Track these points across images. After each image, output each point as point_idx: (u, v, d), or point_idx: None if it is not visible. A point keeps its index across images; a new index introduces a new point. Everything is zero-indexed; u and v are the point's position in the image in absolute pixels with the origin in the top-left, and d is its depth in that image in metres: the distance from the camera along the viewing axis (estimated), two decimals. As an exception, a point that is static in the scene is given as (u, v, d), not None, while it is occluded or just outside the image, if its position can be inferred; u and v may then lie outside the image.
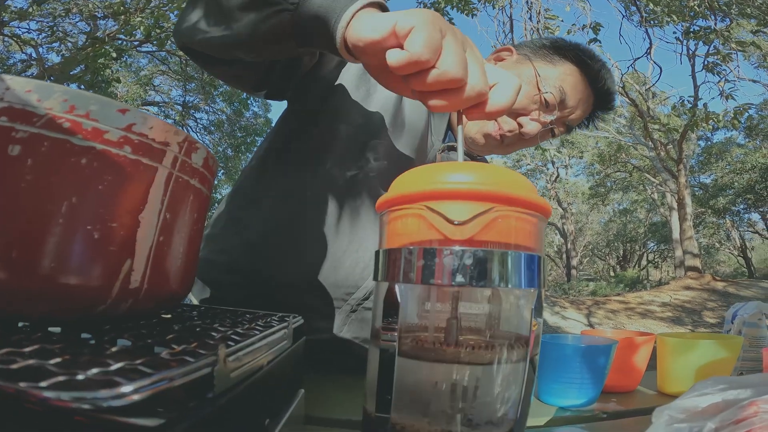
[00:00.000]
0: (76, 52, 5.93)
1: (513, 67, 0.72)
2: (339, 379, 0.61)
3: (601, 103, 0.75)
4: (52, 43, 6.54)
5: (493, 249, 0.27)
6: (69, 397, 0.14)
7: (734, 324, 0.74)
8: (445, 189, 0.28)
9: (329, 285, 0.66)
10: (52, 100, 0.23)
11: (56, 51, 6.89)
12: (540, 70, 0.70)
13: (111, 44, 5.44)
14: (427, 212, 0.28)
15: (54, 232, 0.23)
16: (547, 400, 0.54)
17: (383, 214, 0.32)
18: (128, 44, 6.02)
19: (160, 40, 5.09)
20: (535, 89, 0.69)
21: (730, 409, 0.26)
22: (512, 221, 0.28)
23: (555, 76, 0.70)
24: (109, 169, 0.25)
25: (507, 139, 0.72)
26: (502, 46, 0.76)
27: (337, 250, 0.66)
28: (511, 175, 0.30)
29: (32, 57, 6.75)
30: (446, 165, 0.32)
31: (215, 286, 0.71)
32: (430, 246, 0.28)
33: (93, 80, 5.70)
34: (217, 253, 0.71)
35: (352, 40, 0.38)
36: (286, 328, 0.37)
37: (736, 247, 16.50)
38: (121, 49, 5.62)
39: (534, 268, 0.29)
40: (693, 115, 5.39)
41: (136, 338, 0.25)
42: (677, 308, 6.86)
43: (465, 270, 0.26)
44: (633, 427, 0.45)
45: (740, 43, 5.41)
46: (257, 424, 0.29)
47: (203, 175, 0.32)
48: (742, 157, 12.19)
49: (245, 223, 0.70)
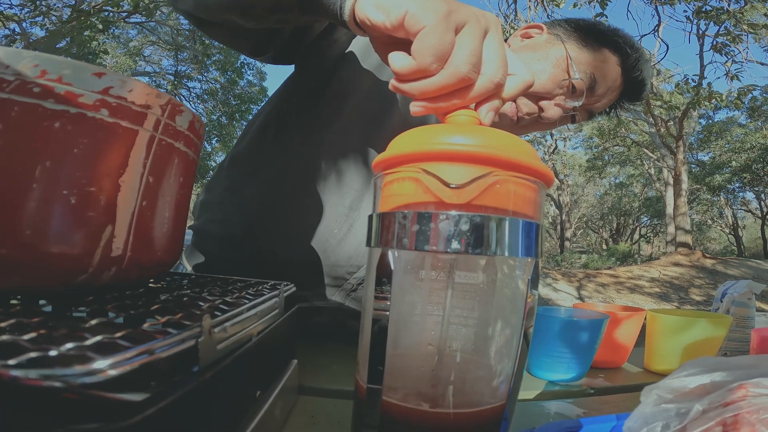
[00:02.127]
0: (61, 25, 5.75)
1: (542, 47, 0.67)
2: (334, 349, 0.62)
3: (632, 94, 0.71)
4: (35, 17, 6.32)
5: (491, 215, 0.26)
6: (37, 374, 0.13)
7: (723, 303, 0.74)
8: (442, 150, 0.27)
9: (330, 264, 0.64)
10: (21, 66, 0.22)
11: (40, 25, 6.71)
12: (572, 53, 0.65)
13: (97, 16, 5.26)
14: (422, 175, 0.27)
15: (28, 197, 0.22)
16: (537, 373, 0.55)
17: (377, 177, 0.31)
18: (115, 16, 5.82)
19: (148, 10, 4.92)
20: (563, 73, 0.65)
21: (718, 392, 0.26)
22: (511, 186, 0.27)
23: (587, 61, 0.66)
24: (84, 132, 0.23)
25: (523, 121, 0.68)
26: (533, 23, 0.71)
27: (341, 229, 0.64)
28: (513, 139, 0.29)
29: (16, 32, 6.57)
30: (445, 126, 0.30)
31: (210, 257, 0.69)
32: (426, 210, 0.26)
33: (80, 52, 5.55)
34: (215, 223, 0.68)
35: (361, 16, 0.35)
36: (277, 296, 0.36)
37: (728, 225, 16.69)
38: (108, 21, 5.46)
39: (532, 237, 0.27)
40: (696, 93, 5.33)
41: (119, 309, 0.24)
42: (665, 284, 6.99)
43: (461, 236, 0.25)
44: (620, 404, 0.46)
45: (752, 26, 5.29)
46: (248, 396, 0.29)
47: (189, 138, 0.31)
48: (742, 137, 12.13)
49: (244, 194, 0.67)
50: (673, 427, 0.25)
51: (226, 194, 0.69)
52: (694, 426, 0.24)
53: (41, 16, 6.33)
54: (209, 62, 9.78)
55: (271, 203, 0.64)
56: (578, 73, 0.64)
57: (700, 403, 0.26)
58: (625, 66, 0.67)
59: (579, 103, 0.66)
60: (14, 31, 6.64)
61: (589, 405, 0.45)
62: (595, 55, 0.66)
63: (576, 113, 0.68)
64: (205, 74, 10.30)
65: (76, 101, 0.23)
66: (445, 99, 0.31)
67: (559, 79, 0.65)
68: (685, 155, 9.33)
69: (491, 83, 0.31)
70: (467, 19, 0.32)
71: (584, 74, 0.65)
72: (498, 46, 0.32)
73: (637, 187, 17.48)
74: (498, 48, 0.32)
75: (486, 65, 0.31)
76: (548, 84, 0.65)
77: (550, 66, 0.65)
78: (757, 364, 0.28)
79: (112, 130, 0.25)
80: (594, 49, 0.66)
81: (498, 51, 0.32)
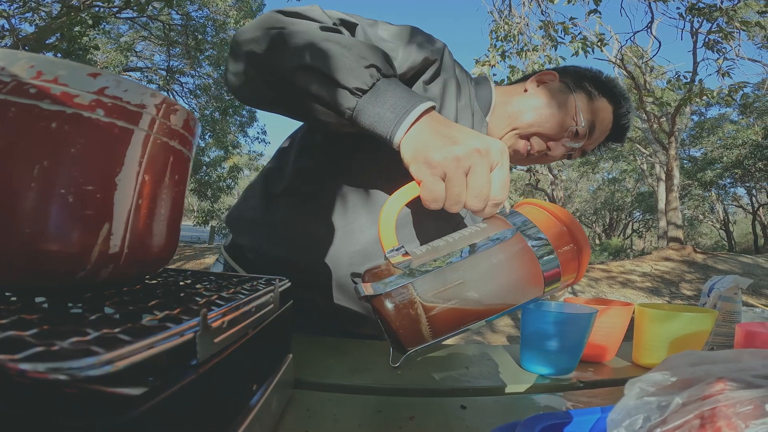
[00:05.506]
0: (50, 21, 5.67)
1: (555, 95, 0.74)
2: (328, 343, 0.63)
3: (616, 136, 0.81)
4: (24, 13, 6.23)
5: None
6: (45, 368, 0.14)
7: (710, 297, 0.75)
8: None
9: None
10: (17, 67, 0.23)
11: (29, 21, 6.63)
12: (579, 102, 0.73)
13: (87, 12, 5.20)
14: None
15: (26, 196, 0.22)
16: (528, 367, 0.56)
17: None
18: (106, 11, 5.75)
19: (140, 5, 4.86)
20: (571, 120, 0.73)
21: (697, 385, 0.27)
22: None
23: (589, 110, 0.74)
24: (81, 132, 0.24)
25: (532, 155, 0.76)
26: (547, 70, 0.79)
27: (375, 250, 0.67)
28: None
29: (5, 28, 6.48)
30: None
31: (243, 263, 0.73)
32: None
33: (70, 48, 5.48)
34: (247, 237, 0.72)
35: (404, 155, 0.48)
36: (272, 291, 0.37)
37: (719, 220, 16.86)
38: (99, 16, 5.40)
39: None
40: (689, 90, 5.37)
41: (118, 305, 0.24)
42: (657, 279, 7.07)
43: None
44: (607, 397, 0.47)
45: (745, 23, 5.34)
46: (244, 389, 0.29)
47: (184, 136, 0.31)
48: (733, 133, 12.23)
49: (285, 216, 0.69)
50: (654, 420, 0.26)
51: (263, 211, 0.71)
52: (673, 418, 0.25)
53: (30, 12, 6.26)
54: (202, 57, 9.69)
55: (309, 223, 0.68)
56: (582, 119, 0.73)
57: (680, 396, 0.27)
58: (617, 114, 0.77)
59: (579, 145, 0.75)
60: (3, 27, 6.56)
61: (578, 398, 0.47)
62: (596, 104, 0.75)
63: (573, 152, 0.78)
64: (197, 69, 10.21)
65: (72, 102, 0.24)
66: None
67: (567, 124, 0.73)
68: (677, 151, 9.39)
69: (494, 206, 0.47)
70: (478, 162, 0.45)
71: (587, 121, 0.73)
72: (504, 177, 0.47)
73: (629, 183, 17.60)
74: (504, 179, 0.47)
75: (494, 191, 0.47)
76: (557, 128, 0.73)
77: (560, 112, 0.73)
78: (738, 358, 0.29)
79: (108, 129, 0.25)
80: (596, 99, 0.75)
81: (504, 181, 0.47)
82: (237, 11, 9.16)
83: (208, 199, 10.94)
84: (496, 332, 4.31)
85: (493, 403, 0.45)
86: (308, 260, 0.67)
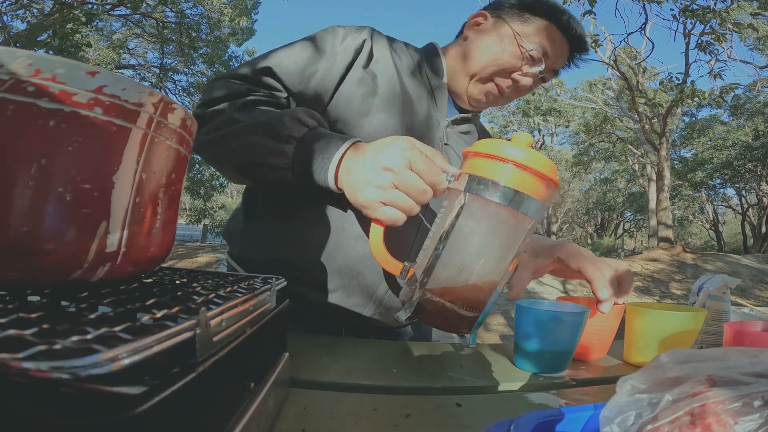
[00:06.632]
0: (42, 18, 5.60)
1: (492, 31, 0.76)
2: (324, 342, 0.63)
3: (577, 47, 0.80)
4: (16, 10, 6.14)
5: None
6: (47, 366, 0.14)
7: (699, 296, 0.76)
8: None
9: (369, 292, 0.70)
10: (15, 65, 0.22)
11: (21, 18, 6.56)
12: (517, 29, 0.75)
13: (80, 9, 5.15)
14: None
15: (23, 194, 0.22)
16: (522, 365, 0.56)
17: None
18: (99, 8, 5.69)
19: (134, 2, 4.82)
20: (518, 48, 0.74)
21: (687, 382, 0.28)
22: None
23: (532, 33, 0.75)
24: (78, 130, 0.24)
25: (506, 92, 0.78)
26: (476, 12, 0.80)
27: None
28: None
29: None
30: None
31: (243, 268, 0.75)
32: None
33: (62, 45, 5.41)
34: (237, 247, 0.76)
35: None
36: (269, 290, 0.37)
37: (709, 221, 17.07)
38: (92, 13, 5.36)
39: None
40: (680, 91, 5.42)
41: (116, 304, 0.24)
42: (647, 278, 7.14)
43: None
44: (599, 395, 0.48)
45: (737, 25, 5.40)
46: (242, 388, 0.30)
47: (181, 135, 0.31)
48: (724, 134, 12.38)
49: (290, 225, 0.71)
50: (645, 416, 0.26)
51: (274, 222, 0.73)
52: (664, 415, 0.26)
53: (22, 9, 6.17)
54: (196, 55, 9.62)
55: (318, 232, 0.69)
56: (530, 43, 0.74)
57: (670, 393, 0.27)
58: (561, 27, 0.76)
59: (542, 68, 0.75)
60: (-6, 24, 6.45)
61: (570, 396, 0.47)
62: (536, 25, 0.75)
63: (544, 75, 0.78)
64: (191, 67, 10.13)
65: (70, 100, 0.24)
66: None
67: (518, 53, 0.74)
68: (668, 152, 9.49)
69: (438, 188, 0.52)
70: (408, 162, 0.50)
71: (534, 44, 0.74)
72: (423, 164, 0.51)
73: (621, 183, 17.77)
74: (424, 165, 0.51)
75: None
76: (511, 60, 0.74)
77: (506, 45, 0.74)
78: (727, 357, 0.30)
79: (106, 128, 0.25)
80: (532, 21, 0.76)
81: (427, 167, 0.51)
82: (232, 9, 9.10)
83: (201, 198, 10.87)
84: (489, 331, 4.34)
85: (488, 401, 0.45)
86: (293, 257, 0.68)
